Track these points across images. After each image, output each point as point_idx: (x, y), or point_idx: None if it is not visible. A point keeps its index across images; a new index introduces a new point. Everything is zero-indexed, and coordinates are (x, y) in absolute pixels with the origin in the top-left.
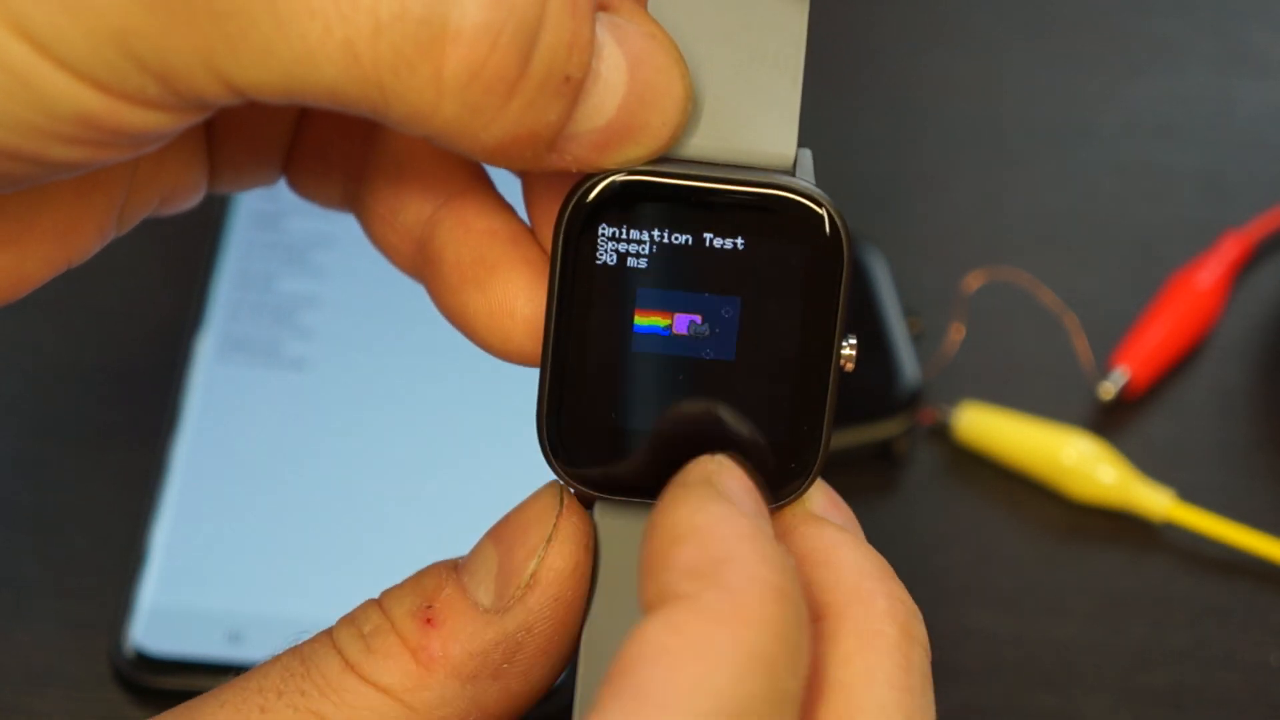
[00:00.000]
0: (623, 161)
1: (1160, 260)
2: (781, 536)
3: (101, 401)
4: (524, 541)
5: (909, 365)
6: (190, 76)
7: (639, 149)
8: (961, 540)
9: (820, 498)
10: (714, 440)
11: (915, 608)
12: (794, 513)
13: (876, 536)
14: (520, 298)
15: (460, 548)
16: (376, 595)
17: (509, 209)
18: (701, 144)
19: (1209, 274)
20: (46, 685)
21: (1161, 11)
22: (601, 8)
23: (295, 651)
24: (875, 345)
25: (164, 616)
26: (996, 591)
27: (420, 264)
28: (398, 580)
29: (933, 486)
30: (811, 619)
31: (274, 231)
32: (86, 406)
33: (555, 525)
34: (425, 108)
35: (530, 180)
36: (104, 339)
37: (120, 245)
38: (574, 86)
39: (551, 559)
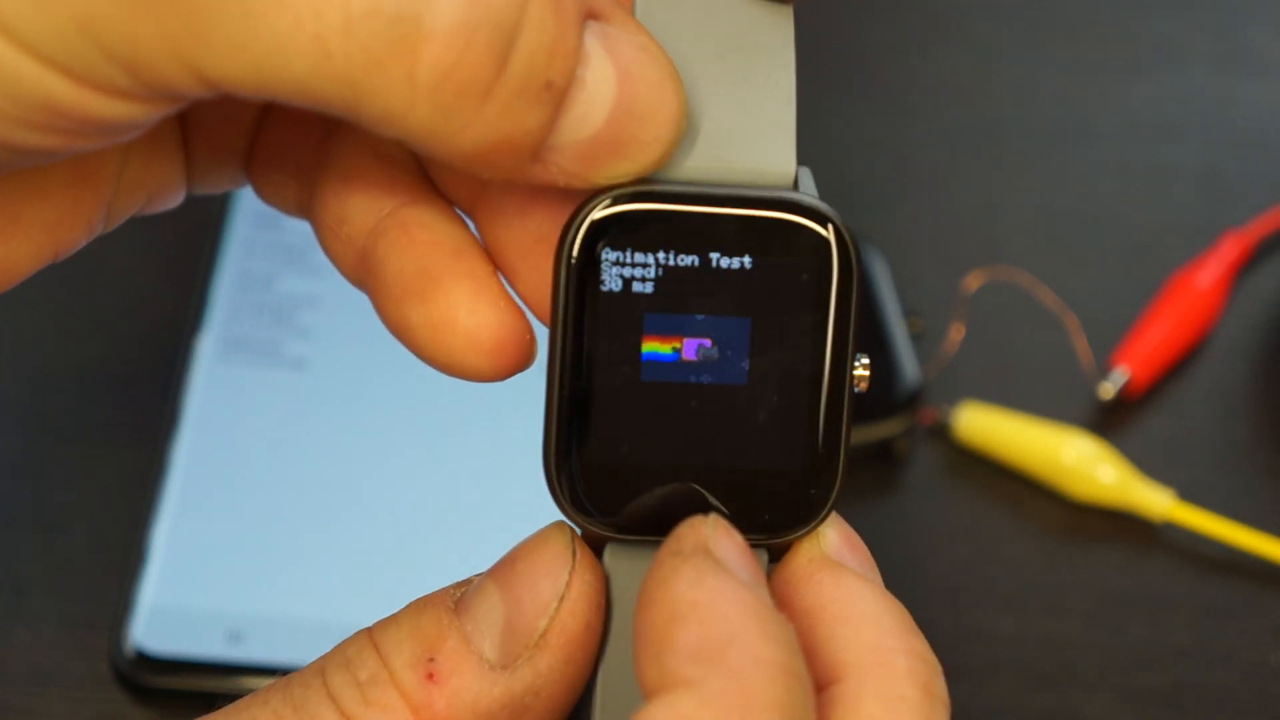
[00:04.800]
0: (612, 177)
1: (1160, 260)
2: (798, 585)
3: (101, 401)
4: (534, 595)
5: (909, 365)
6: (158, 66)
7: (628, 164)
8: (961, 540)
9: (835, 536)
10: (728, 471)
11: (936, 663)
12: (810, 556)
13: (876, 536)
14: (461, 310)
15: (459, 546)
16: (373, 592)
17: (458, 220)
18: (700, 164)
19: (1209, 274)
20: (46, 685)
21: (1161, 11)
22: (593, 17)
23: (285, 693)
24: (875, 345)
25: (164, 616)
26: (996, 591)
27: (363, 275)
28: (393, 578)
29: (933, 486)
30: (830, 679)
31: (274, 231)
32: (86, 406)
33: (568, 582)
34: (398, 108)
35: (486, 195)
36: (104, 339)
37: (120, 245)
38: (556, 94)
39: (563, 619)
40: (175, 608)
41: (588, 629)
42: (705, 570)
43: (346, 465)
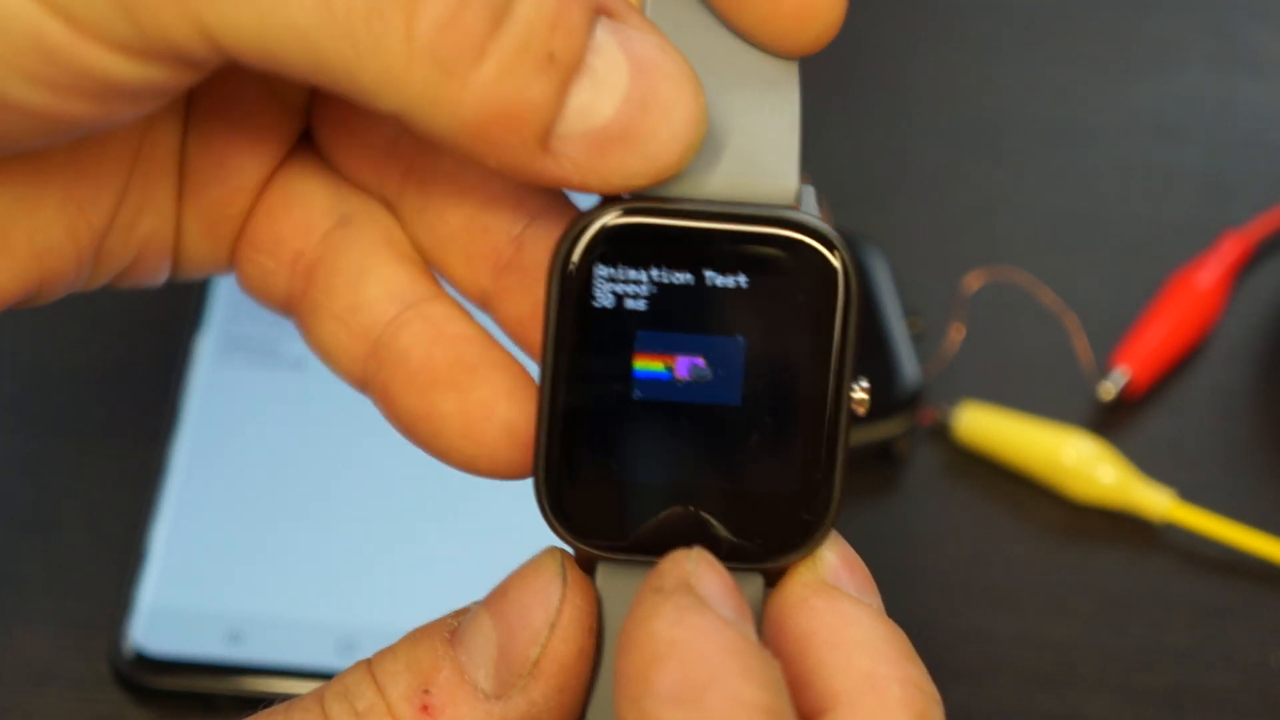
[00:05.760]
0: (626, 174)
1: (1160, 260)
2: (792, 610)
3: (101, 401)
4: (526, 623)
5: (909, 365)
6: (159, 13)
7: (643, 161)
8: (961, 540)
9: (833, 559)
10: (721, 493)
11: (935, 693)
12: (804, 581)
13: (876, 536)
14: (502, 401)
15: (458, 546)
16: (373, 593)
17: (474, 321)
18: (699, 180)
19: (1209, 274)
20: (46, 685)
21: (1161, 11)
22: (606, 13)
23: (285, 719)
24: (875, 345)
25: (164, 616)
26: (996, 591)
27: (373, 368)
28: (393, 579)
29: (933, 486)
30: (821, 708)
31: None
32: (86, 406)
33: (559, 609)
34: (397, 67)
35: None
36: (104, 339)
37: None
38: (561, 69)
39: (555, 646)
40: (175, 608)
41: (580, 655)
42: (686, 607)
43: (346, 465)
